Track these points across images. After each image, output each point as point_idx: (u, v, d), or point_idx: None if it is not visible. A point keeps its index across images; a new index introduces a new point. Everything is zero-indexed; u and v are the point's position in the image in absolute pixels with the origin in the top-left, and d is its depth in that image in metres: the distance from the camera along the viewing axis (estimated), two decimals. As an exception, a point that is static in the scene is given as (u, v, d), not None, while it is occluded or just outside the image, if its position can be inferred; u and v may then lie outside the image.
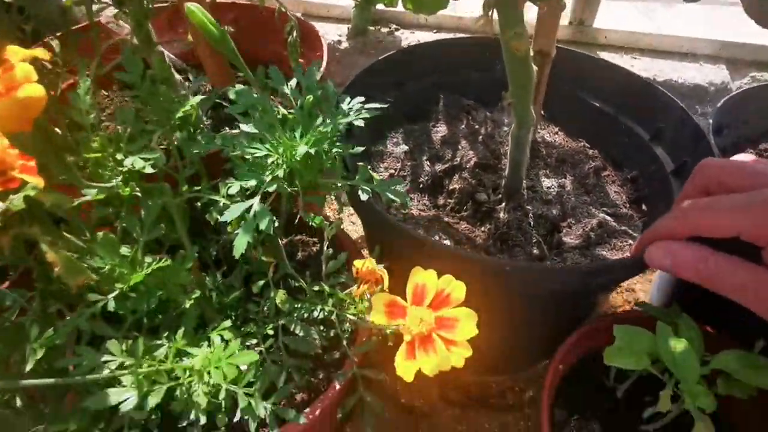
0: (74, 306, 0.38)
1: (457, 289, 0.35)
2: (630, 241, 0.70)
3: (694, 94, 0.94)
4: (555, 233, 0.73)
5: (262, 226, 0.37)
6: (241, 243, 0.37)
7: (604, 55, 0.98)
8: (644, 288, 1.01)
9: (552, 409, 0.62)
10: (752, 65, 1.01)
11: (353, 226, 1.13)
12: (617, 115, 0.83)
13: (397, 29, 1.05)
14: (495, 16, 0.56)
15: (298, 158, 0.40)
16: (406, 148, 0.83)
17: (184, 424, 0.40)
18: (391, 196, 0.48)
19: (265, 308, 0.50)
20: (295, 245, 0.67)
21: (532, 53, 0.70)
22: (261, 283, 0.51)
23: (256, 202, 0.39)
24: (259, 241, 0.55)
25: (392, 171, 0.80)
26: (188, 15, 0.40)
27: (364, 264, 0.39)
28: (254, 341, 0.48)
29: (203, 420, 0.36)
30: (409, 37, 1.03)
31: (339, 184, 0.49)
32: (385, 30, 1.04)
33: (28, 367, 0.35)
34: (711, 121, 0.70)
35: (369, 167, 0.82)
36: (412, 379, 0.33)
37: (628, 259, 0.56)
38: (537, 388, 0.85)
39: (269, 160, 0.41)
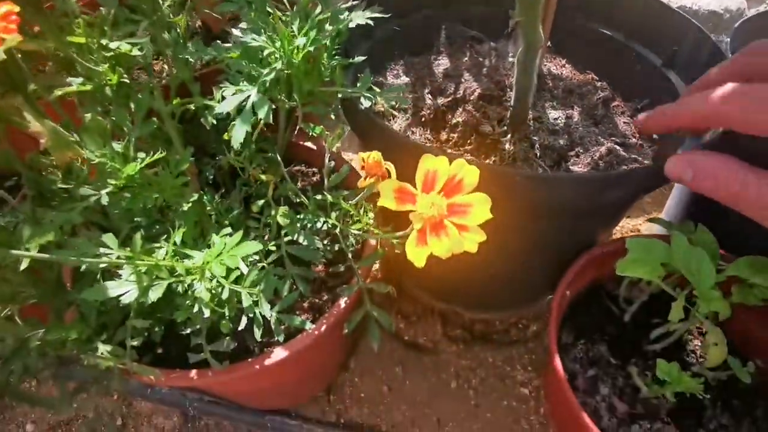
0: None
1: (470, 173, 0.33)
2: (640, 168, 0.68)
3: (709, 21, 0.91)
4: (562, 163, 0.71)
5: (261, 114, 0.35)
6: (239, 132, 0.35)
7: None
8: (650, 229, 1.00)
9: (559, 332, 0.61)
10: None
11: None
12: (628, 42, 0.79)
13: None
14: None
15: (297, 53, 0.38)
16: (407, 80, 0.80)
17: (188, 331, 0.39)
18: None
19: (266, 225, 0.48)
20: (294, 175, 0.65)
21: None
22: (261, 202, 0.50)
23: (253, 92, 0.36)
24: (259, 161, 0.53)
25: (392, 103, 0.77)
26: None
27: (370, 156, 0.37)
28: (256, 258, 0.47)
29: (207, 313, 0.34)
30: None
31: (339, 94, 0.47)
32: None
33: (22, 267, 0.33)
34: (729, 40, 0.67)
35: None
36: (423, 264, 0.31)
37: (644, 167, 0.54)
38: (541, 324, 0.85)
39: (266, 52, 0.38)
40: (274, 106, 0.50)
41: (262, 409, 0.75)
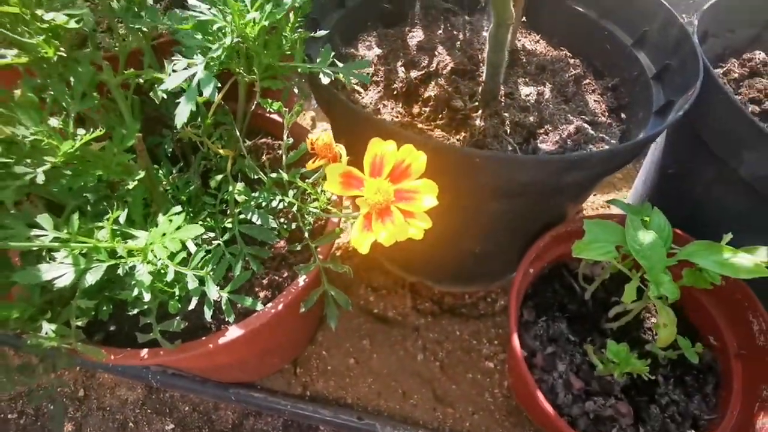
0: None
1: (418, 160, 0.33)
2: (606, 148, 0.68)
3: (681, 2, 0.90)
4: (531, 140, 0.71)
5: (206, 93, 0.34)
6: (183, 111, 0.34)
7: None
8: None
9: (520, 310, 0.62)
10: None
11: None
12: (601, 21, 0.78)
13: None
14: None
15: (252, 27, 0.36)
16: (379, 51, 0.78)
17: (135, 311, 0.38)
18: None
19: (223, 201, 0.47)
20: (259, 148, 0.64)
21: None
22: (219, 177, 0.49)
23: (200, 69, 0.35)
24: (218, 134, 0.52)
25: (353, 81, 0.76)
26: None
27: (319, 138, 0.37)
28: (212, 234, 0.46)
29: (147, 297, 0.34)
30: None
31: (299, 69, 0.45)
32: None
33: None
34: (696, 23, 0.67)
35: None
36: (366, 251, 0.31)
37: (601, 152, 0.54)
38: (509, 298, 0.87)
39: (215, 26, 0.37)
40: (233, 79, 0.49)
41: (225, 382, 0.76)
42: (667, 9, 0.69)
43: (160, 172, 0.47)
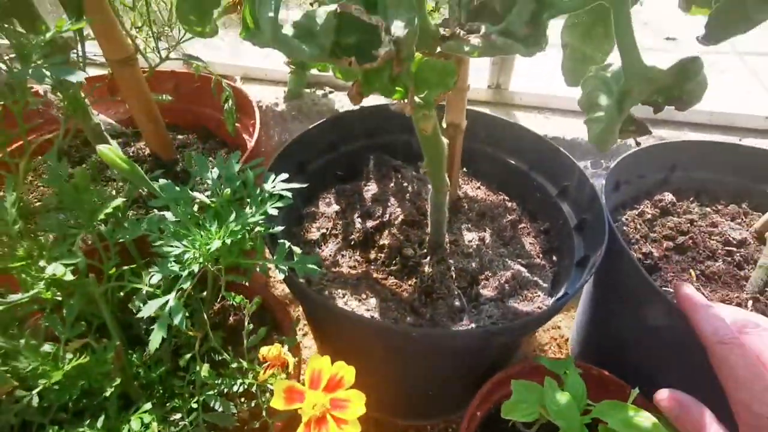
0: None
1: (348, 373, 0.40)
2: (539, 293, 0.77)
3: (590, 151, 1.05)
4: (474, 285, 0.80)
5: (176, 321, 0.42)
6: (156, 338, 0.41)
7: (521, 114, 1.08)
8: (568, 324, 1.09)
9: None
10: (647, 123, 1.12)
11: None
12: (530, 173, 0.91)
13: (331, 92, 1.12)
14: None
15: (213, 252, 0.45)
16: (337, 207, 0.88)
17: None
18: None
19: (191, 383, 0.53)
20: (226, 309, 0.71)
21: (445, 125, 0.78)
22: (188, 356, 0.55)
23: (171, 298, 0.43)
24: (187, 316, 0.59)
25: (324, 230, 0.85)
26: (101, 156, 0.44)
27: (270, 350, 0.44)
28: (179, 416, 0.52)
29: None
30: (342, 99, 1.10)
31: (259, 267, 0.54)
32: (320, 92, 1.11)
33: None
34: (604, 181, 0.79)
35: (301, 228, 0.87)
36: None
37: (517, 322, 0.62)
38: (469, 429, 0.91)
39: (186, 256, 0.45)
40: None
41: None
42: (580, 170, 0.81)
43: (134, 356, 0.54)
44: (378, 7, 0.38)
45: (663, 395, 0.47)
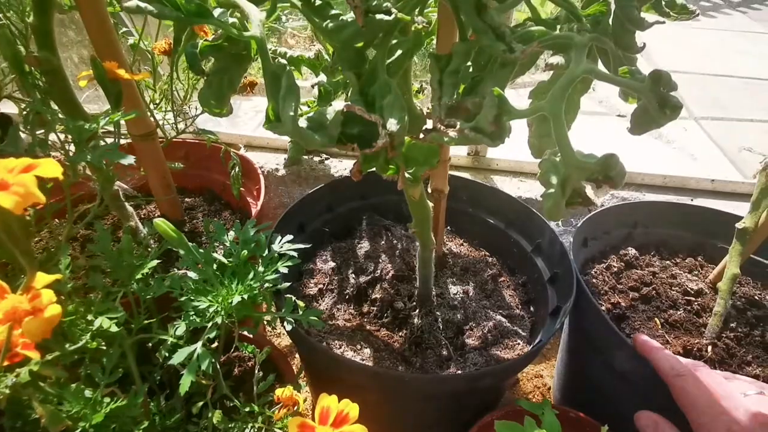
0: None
1: (353, 409, 0.46)
2: (519, 341, 0.85)
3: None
4: (460, 335, 0.87)
5: (204, 366, 0.48)
6: (186, 382, 0.47)
7: (498, 178, 1.19)
8: (550, 373, 1.15)
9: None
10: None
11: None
12: (507, 230, 1.00)
13: (327, 158, 1.23)
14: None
15: (234, 306, 0.52)
16: (333, 264, 0.96)
17: None
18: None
19: (204, 429, 0.58)
20: (232, 361, 0.76)
21: (430, 190, 0.88)
22: (200, 404, 0.61)
23: (198, 347, 0.49)
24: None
25: (321, 286, 0.92)
26: (155, 227, 0.53)
27: (283, 392, 0.50)
28: (195, 461, 0.57)
29: None
30: (337, 165, 1.21)
31: (268, 319, 0.61)
32: (317, 159, 1.22)
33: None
34: (572, 238, 0.88)
35: (300, 284, 0.94)
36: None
37: (498, 367, 0.70)
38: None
39: (210, 309, 0.52)
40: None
41: None
42: (551, 229, 0.91)
43: (152, 404, 0.59)
44: (375, 107, 0.48)
45: (642, 414, 0.55)
